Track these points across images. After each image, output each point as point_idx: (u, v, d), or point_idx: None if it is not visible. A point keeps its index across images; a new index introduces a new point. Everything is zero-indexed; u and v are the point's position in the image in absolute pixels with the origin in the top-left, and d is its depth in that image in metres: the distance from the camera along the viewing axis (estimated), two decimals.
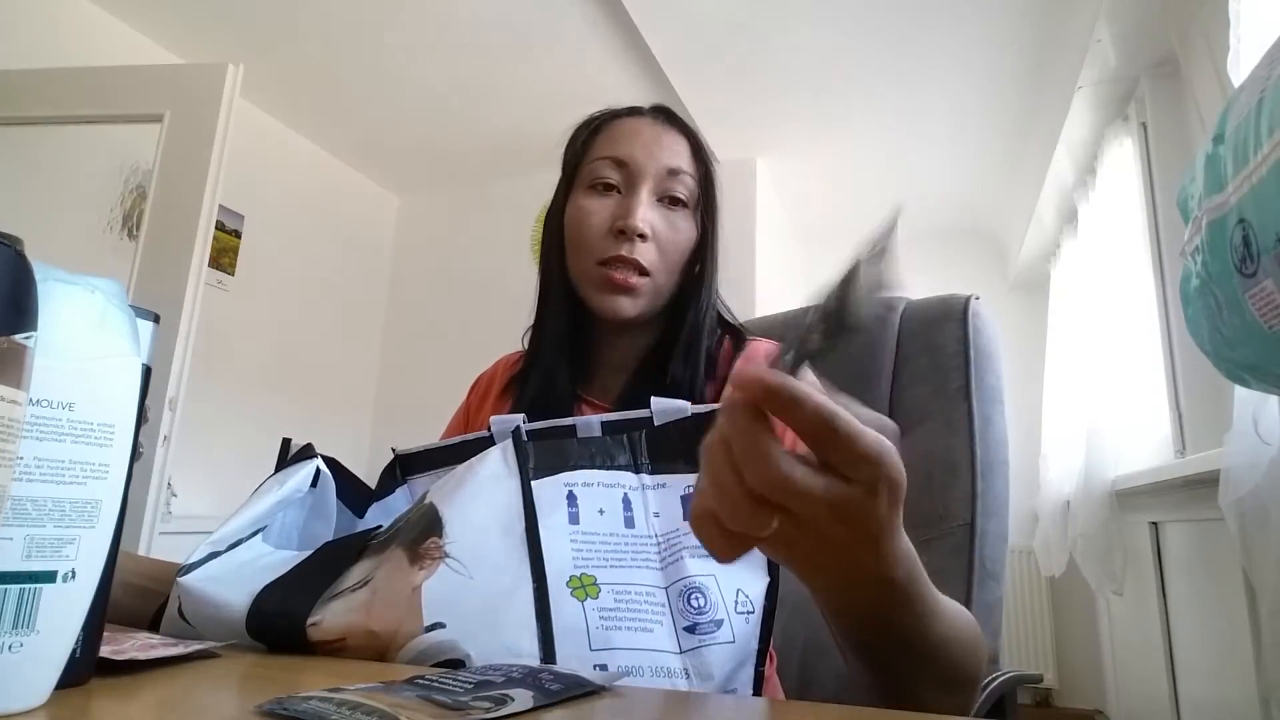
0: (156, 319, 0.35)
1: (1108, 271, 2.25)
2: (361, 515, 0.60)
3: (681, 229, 0.76)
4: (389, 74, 2.64)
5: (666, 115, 0.81)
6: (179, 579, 0.47)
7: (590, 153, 0.78)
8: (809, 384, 0.30)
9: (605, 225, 0.74)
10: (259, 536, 0.53)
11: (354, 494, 0.61)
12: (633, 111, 0.81)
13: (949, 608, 0.42)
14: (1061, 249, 2.98)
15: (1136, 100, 2.15)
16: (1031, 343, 3.15)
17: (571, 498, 0.51)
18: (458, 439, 0.59)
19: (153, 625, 0.50)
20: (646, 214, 0.73)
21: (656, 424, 0.54)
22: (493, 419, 0.55)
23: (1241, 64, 1.22)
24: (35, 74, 1.91)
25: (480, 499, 0.49)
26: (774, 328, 0.96)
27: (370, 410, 3.37)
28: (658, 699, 0.37)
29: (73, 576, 0.30)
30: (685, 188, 0.76)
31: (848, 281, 0.31)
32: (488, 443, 0.54)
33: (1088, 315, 2.42)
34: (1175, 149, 1.97)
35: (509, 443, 0.52)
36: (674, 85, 2.51)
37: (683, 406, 0.54)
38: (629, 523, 0.51)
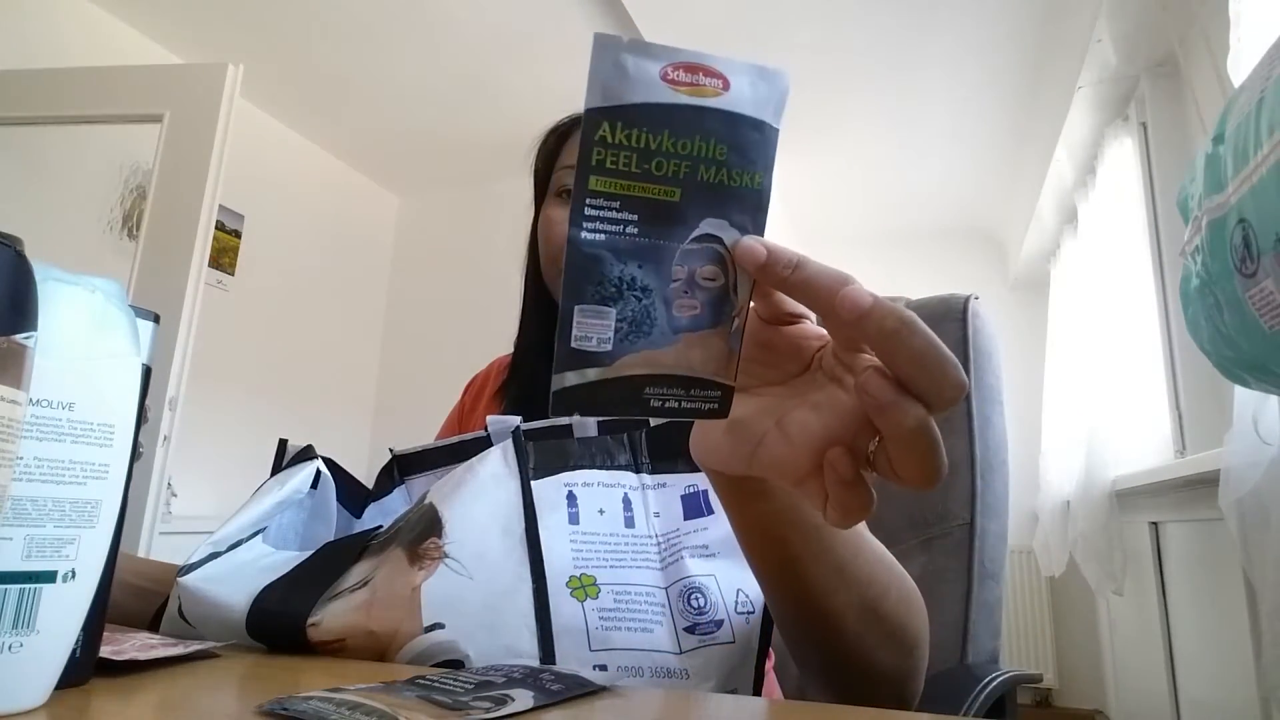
0: (156, 319, 0.35)
1: (1108, 271, 2.25)
2: (359, 516, 0.60)
3: None
4: (389, 74, 2.64)
5: None
6: (179, 579, 0.47)
7: (558, 161, 0.78)
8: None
9: None
10: (259, 537, 0.53)
11: (351, 494, 0.60)
12: None
13: (876, 544, 0.45)
14: (1061, 249, 2.98)
15: (1136, 100, 2.15)
16: (1031, 343, 3.15)
17: (571, 498, 0.51)
18: (455, 439, 0.59)
19: (153, 625, 0.50)
20: None
21: (653, 424, 0.54)
22: (489, 419, 0.55)
23: (1241, 64, 1.22)
24: (35, 74, 1.91)
25: (480, 499, 0.48)
26: None
27: (370, 410, 3.37)
28: (658, 699, 0.37)
29: (73, 576, 0.30)
30: None
31: None
32: (484, 443, 0.54)
33: (1088, 315, 2.42)
34: (1175, 149, 1.97)
35: (509, 443, 0.51)
36: None
37: None
38: (629, 523, 0.51)
